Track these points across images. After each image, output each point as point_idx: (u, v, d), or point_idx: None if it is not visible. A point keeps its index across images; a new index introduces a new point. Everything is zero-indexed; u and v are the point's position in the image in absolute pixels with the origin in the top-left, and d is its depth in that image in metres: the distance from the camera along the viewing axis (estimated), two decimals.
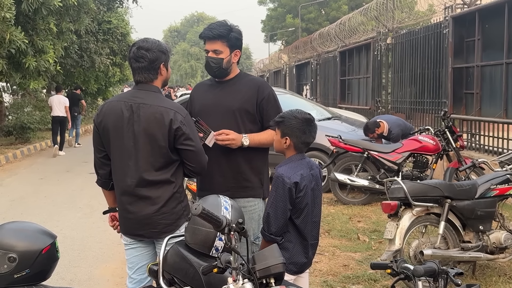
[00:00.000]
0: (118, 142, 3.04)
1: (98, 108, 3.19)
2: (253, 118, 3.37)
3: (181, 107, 3.11)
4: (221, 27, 3.33)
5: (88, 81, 22.37)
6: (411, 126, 8.89)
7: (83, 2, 13.53)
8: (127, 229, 3.14)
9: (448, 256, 4.54)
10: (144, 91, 3.06)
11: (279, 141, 3.01)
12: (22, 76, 13.56)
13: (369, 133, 8.39)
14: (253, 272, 2.17)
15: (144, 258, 3.19)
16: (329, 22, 33.26)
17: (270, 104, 3.40)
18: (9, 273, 2.61)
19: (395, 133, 8.29)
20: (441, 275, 2.24)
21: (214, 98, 3.40)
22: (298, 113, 3.00)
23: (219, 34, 3.31)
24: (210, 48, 3.34)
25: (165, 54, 3.08)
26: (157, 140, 2.97)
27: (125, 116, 3.00)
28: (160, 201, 3.02)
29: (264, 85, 3.47)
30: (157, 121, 2.96)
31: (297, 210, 2.94)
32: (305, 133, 2.97)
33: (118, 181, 3.10)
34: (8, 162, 13.20)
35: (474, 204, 4.65)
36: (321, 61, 20.00)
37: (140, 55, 3.02)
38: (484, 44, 8.91)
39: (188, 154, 3.02)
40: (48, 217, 7.48)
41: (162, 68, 3.08)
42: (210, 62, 3.35)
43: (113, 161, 3.10)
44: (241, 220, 2.21)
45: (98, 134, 3.13)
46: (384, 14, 13.04)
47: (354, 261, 5.41)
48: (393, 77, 12.83)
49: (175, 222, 3.06)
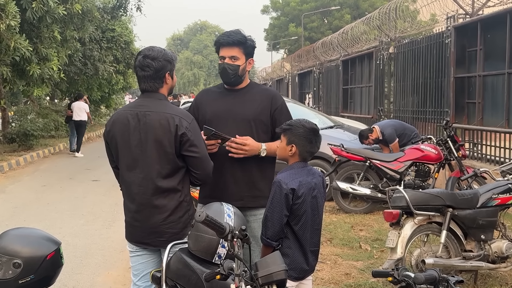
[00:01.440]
0: (125, 150, 3.07)
1: (108, 120, 3.23)
2: (266, 128, 3.39)
3: (187, 113, 3.14)
4: (238, 34, 3.33)
5: (92, 89, 22.48)
6: (412, 128, 8.85)
7: (87, 10, 13.62)
8: (134, 237, 3.16)
9: (449, 265, 4.54)
10: (150, 99, 3.09)
11: (284, 148, 3.04)
12: (26, 84, 13.66)
13: (364, 140, 8.47)
14: (256, 279, 2.18)
15: (149, 265, 3.20)
16: (331, 31, 33.38)
17: (283, 115, 3.42)
18: (14, 279, 2.64)
19: (387, 133, 8.32)
20: (442, 283, 2.26)
21: (227, 106, 3.38)
22: (306, 122, 3.05)
23: (238, 40, 3.31)
24: (227, 54, 3.32)
25: (170, 63, 3.10)
26: (163, 146, 2.99)
27: (131, 124, 3.03)
28: (167, 210, 3.04)
29: (277, 96, 3.51)
30: (162, 128, 2.98)
31: (295, 217, 2.96)
32: (311, 143, 3.01)
33: (127, 188, 3.13)
34: (11, 169, 13.24)
35: (476, 213, 4.66)
36: (324, 70, 20.07)
37: (146, 64, 3.04)
38: (486, 54, 8.94)
39: (192, 161, 3.04)
40: (51, 224, 7.50)
41: (168, 77, 3.10)
42: (227, 68, 3.32)
43: (121, 169, 3.13)
44: (244, 227, 2.23)
45: (108, 145, 3.17)
46: (387, 23, 13.10)
47: (356, 270, 5.41)
48: (395, 86, 12.87)
49: (181, 231, 3.07)
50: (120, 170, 3.15)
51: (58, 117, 20.76)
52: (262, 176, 3.39)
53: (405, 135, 8.42)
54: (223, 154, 3.28)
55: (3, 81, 13.76)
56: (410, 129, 8.70)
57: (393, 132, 8.33)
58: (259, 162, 3.34)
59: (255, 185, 3.36)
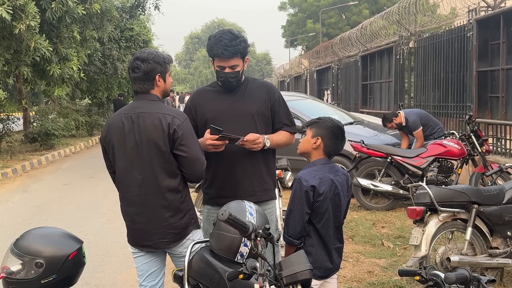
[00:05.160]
0: (122, 153, 3.05)
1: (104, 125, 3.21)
2: (268, 120, 3.40)
3: (181, 112, 3.13)
4: (232, 42, 3.21)
5: (111, 88, 22.65)
6: (437, 121, 8.70)
7: (106, 10, 13.72)
8: (135, 240, 3.14)
9: (475, 263, 4.45)
10: (143, 100, 3.07)
11: (309, 141, 3.00)
12: (46, 83, 13.80)
13: (387, 123, 8.42)
14: (280, 279, 2.14)
15: (153, 265, 3.19)
16: (350, 27, 33.16)
17: (281, 106, 3.44)
18: (37, 279, 2.64)
19: (411, 119, 8.23)
20: (473, 282, 2.20)
21: (227, 103, 3.35)
22: (334, 119, 3.06)
23: (235, 51, 3.22)
24: (226, 65, 3.25)
25: (161, 65, 3.06)
26: (159, 146, 2.97)
27: (126, 127, 3.02)
28: (169, 211, 3.02)
29: (273, 88, 3.50)
30: (156, 128, 2.97)
31: (317, 215, 2.92)
32: (337, 139, 2.99)
33: (124, 192, 3.11)
34: (33, 168, 13.40)
35: (502, 209, 4.56)
36: (342, 66, 19.91)
37: (135, 66, 3.04)
38: (509, 47, 8.76)
39: (181, 160, 3.01)
40: (73, 222, 7.56)
41: (158, 79, 3.07)
42: (229, 78, 3.28)
43: (118, 173, 3.11)
44: (268, 226, 2.19)
45: (105, 150, 3.15)
46: (406, 18, 12.92)
47: (378, 268, 5.34)
48: (416, 81, 12.70)
49: (183, 231, 3.07)
50: (117, 174, 3.13)
51: (79, 116, 20.95)
52: (267, 169, 3.42)
53: (428, 127, 8.30)
54: (231, 151, 3.26)
55: (24, 81, 13.93)
56: (435, 122, 8.56)
57: (417, 119, 8.23)
58: (264, 155, 3.36)
59: (263, 178, 3.38)
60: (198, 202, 5.98)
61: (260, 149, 3.27)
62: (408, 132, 8.43)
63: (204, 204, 3.50)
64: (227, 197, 3.10)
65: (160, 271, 3.25)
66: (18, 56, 11.58)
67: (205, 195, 3.50)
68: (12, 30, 10.47)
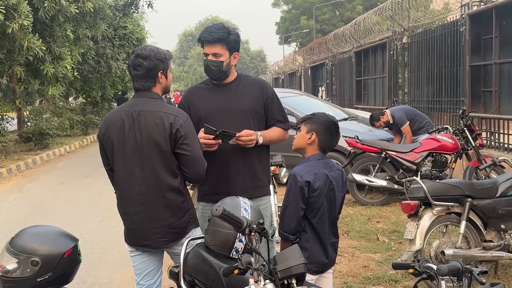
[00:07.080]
0: (121, 152, 3.02)
1: (101, 122, 3.18)
2: (261, 117, 3.41)
3: (182, 111, 3.12)
4: (220, 30, 3.28)
5: (105, 87, 22.57)
6: (424, 115, 8.77)
7: (99, 8, 13.66)
8: (133, 240, 3.13)
9: (469, 256, 4.49)
10: (144, 98, 3.05)
11: (303, 136, 3.02)
12: (40, 83, 13.75)
13: (375, 122, 8.58)
14: (275, 273, 2.15)
15: (151, 263, 3.18)
16: (343, 23, 33.13)
17: (274, 102, 3.46)
18: (32, 277, 2.64)
19: (397, 116, 8.35)
20: (465, 274, 2.22)
21: (221, 101, 3.36)
22: (328, 115, 3.08)
23: (219, 37, 3.26)
24: (209, 51, 3.30)
25: (163, 62, 3.06)
26: (159, 145, 2.95)
27: (126, 125, 2.99)
28: (170, 210, 3.01)
29: (266, 85, 3.51)
30: (157, 127, 2.95)
31: (312, 210, 2.93)
32: (332, 134, 3.02)
33: (123, 191, 3.08)
34: (28, 168, 13.36)
35: (495, 202, 4.60)
36: (337, 62, 19.94)
37: (137, 63, 3.01)
38: (502, 41, 8.80)
39: (184, 159, 2.99)
40: (68, 221, 7.55)
41: (160, 76, 3.06)
42: (210, 65, 3.31)
43: (117, 171, 3.07)
44: (261, 220, 2.20)
45: (103, 147, 3.12)
46: (399, 13, 12.95)
47: (374, 262, 5.37)
48: (410, 77, 12.73)
49: (182, 231, 3.06)
50: (115, 172, 3.09)
51: (73, 115, 20.89)
52: (261, 166, 3.43)
53: (415, 121, 8.38)
54: (224, 148, 3.28)
55: (18, 81, 13.88)
56: (422, 116, 8.64)
57: (403, 115, 8.33)
58: (258, 152, 3.37)
59: (256, 175, 3.39)
60: (193, 199, 5.98)
61: (253, 146, 3.28)
62: (397, 129, 8.50)
63: (199, 201, 3.52)
64: (220, 194, 3.11)
65: (157, 269, 3.24)
66: (12, 55, 11.53)
67: (200, 192, 3.51)
68: (5, 30, 10.41)
